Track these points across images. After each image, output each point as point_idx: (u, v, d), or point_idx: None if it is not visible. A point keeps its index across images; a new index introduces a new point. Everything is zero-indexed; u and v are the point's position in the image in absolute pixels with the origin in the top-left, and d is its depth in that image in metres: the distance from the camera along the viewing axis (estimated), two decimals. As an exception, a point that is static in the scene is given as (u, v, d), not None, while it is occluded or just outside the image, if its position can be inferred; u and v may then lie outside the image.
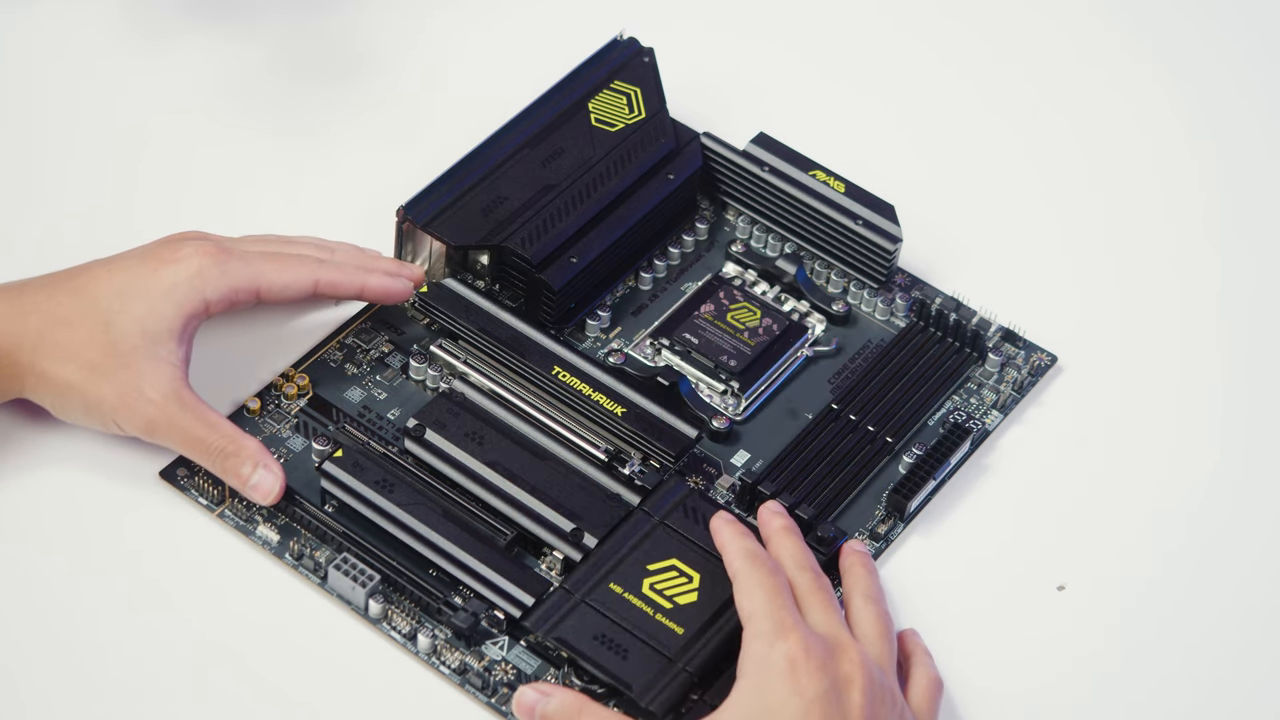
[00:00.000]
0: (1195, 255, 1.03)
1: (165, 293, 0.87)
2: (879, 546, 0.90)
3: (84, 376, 0.86)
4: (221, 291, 0.88)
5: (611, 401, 0.91)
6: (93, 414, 0.87)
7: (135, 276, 0.87)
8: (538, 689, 0.81)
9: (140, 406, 0.86)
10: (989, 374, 0.96)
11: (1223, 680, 0.87)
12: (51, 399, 0.87)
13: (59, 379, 0.86)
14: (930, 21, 1.14)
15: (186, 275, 0.88)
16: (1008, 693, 0.86)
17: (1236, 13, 1.15)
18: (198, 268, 0.88)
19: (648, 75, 1.01)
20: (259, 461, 0.86)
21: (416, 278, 0.94)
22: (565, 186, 0.97)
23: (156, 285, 0.87)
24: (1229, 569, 0.90)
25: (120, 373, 0.86)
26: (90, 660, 0.84)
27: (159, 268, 0.88)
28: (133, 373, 0.86)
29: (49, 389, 0.87)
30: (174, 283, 0.87)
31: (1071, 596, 0.89)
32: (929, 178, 1.05)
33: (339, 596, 0.86)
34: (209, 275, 0.88)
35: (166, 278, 0.87)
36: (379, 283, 0.93)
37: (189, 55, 1.07)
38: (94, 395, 0.86)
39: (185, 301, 0.87)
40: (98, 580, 0.86)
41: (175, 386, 0.87)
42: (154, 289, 0.87)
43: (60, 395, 0.87)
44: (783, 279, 0.99)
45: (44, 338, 0.86)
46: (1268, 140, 1.09)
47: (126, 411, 0.86)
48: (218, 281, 0.88)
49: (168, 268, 0.88)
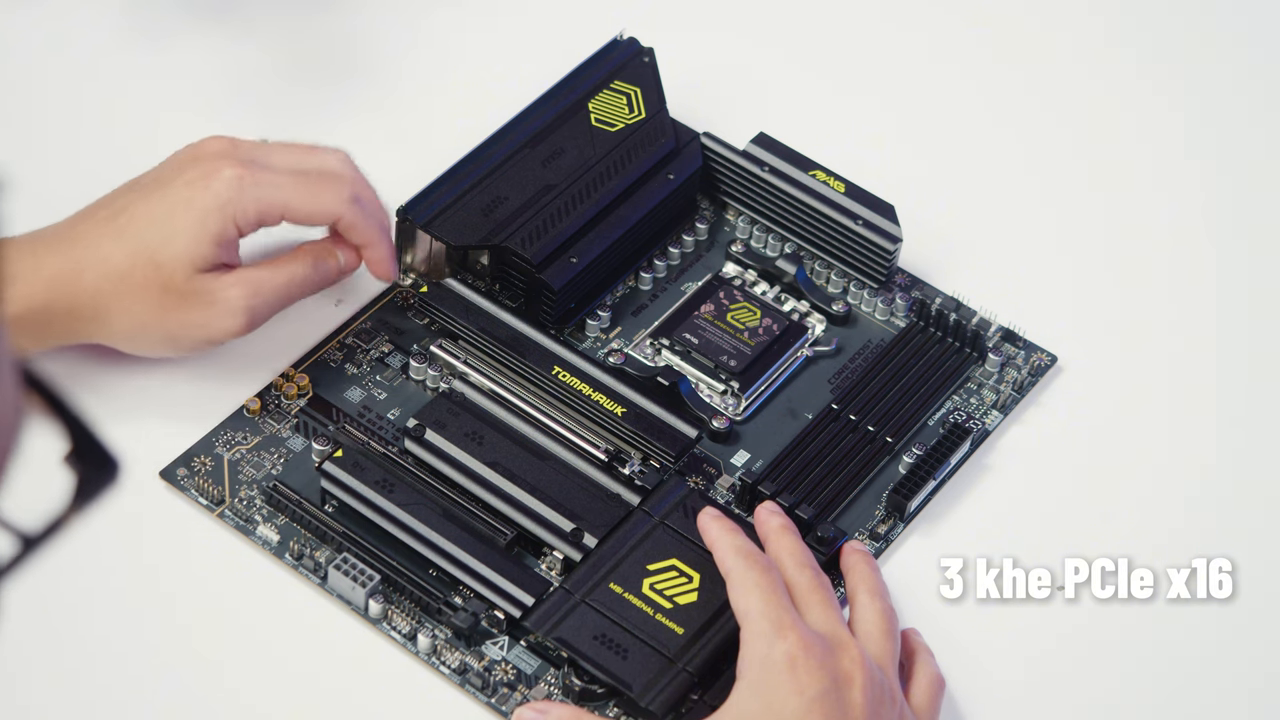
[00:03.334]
0: (1195, 255, 1.03)
1: (201, 222, 0.87)
2: (879, 546, 0.90)
3: (154, 315, 0.87)
4: (249, 218, 0.88)
5: (611, 401, 0.91)
6: (177, 342, 0.89)
7: (172, 206, 0.88)
8: (534, 708, 0.81)
9: (223, 322, 0.88)
10: (989, 374, 0.96)
11: (1223, 680, 0.87)
12: (125, 342, 0.89)
13: (130, 325, 0.88)
14: (930, 22, 1.13)
15: (218, 202, 0.88)
16: (1008, 692, 0.86)
17: (1236, 13, 1.15)
18: (230, 194, 0.88)
19: (648, 75, 1.01)
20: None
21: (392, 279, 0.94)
22: (565, 186, 0.97)
23: (193, 214, 0.87)
24: (1229, 568, 0.90)
25: (186, 302, 0.87)
26: (89, 660, 0.84)
27: (193, 195, 0.88)
28: (198, 300, 0.88)
29: (120, 335, 0.89)
30: (207, 209, 0.87)
31: (1071, 596, 0.89)
32: (929, 178, 1.05)
33: (339, 596, 0.86)
34: (241, 201, 0.88)
35: (199, 204, 0.87)
36: (379, 254, 0.92)
37: (189, 55, 1.07)
38: (172, 325, 0.88)
39: (222, 231, 0.88)
40: (97, 580, 0.86)
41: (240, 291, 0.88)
42: (191, 219, 0.87)
43: (134, 337, 0.89)
44: (783, 279, 0.99)
45: (101, 292, 0.87)
46: (1267, 140, 1.09)
47: (210, 330, 0.88)
48: (248, 207, 0.88)
49: (201, 194, 0.88)
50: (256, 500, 0.89)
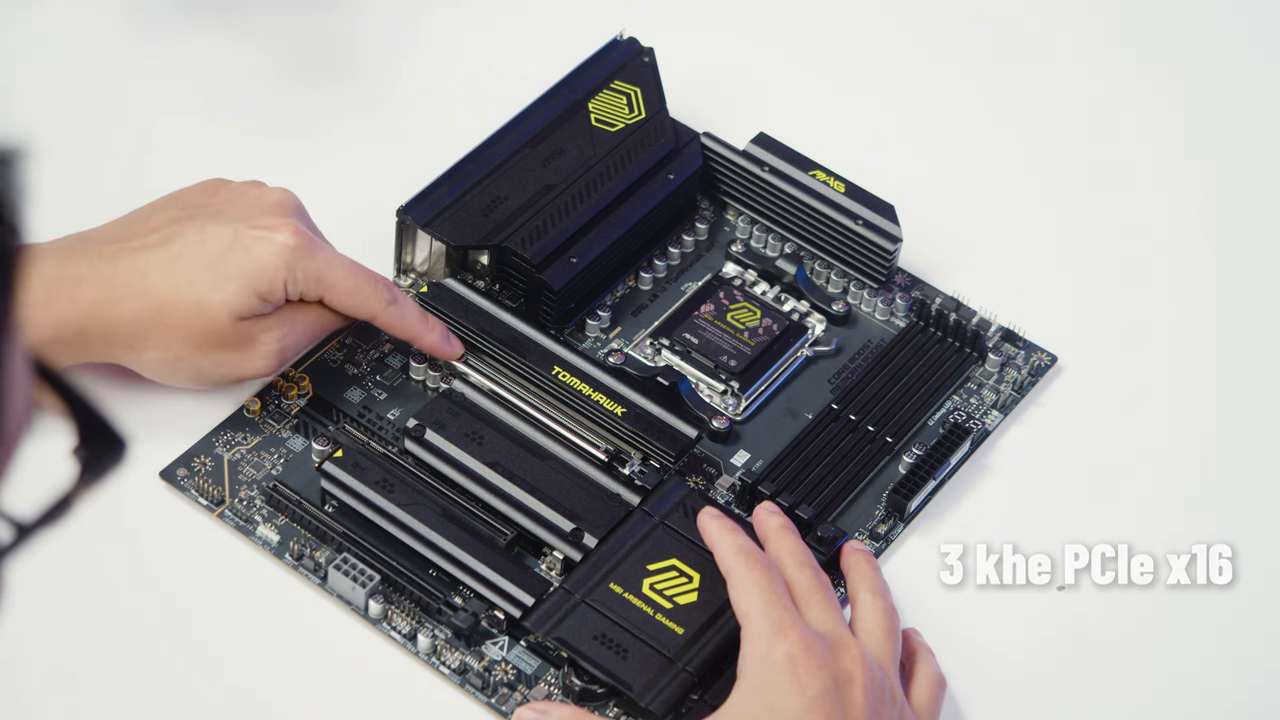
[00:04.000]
0: (1195, 255, 1.03)
1: (256, 276, 0.87)
2: (879, 546, 0.90)
3: (189, 352, 0.87)
4: (297, 286, 0.88)
5: (611, 401, 0.91)
6: (205, 378, 0.89)
7: (227, 250, 0.87)
8: (535, 709, 0.81)
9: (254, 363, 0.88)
10: (989, 374, 0.96)
11: (1223, 679, 0.87)
12: (153, 373, 0.89)
13: (163, 358, 0.87)
14: (930, 22, 1.13)
15: (276, 263, 0.87)
16: (1007, 692, 0.86)
17: (1236, 13, 1.15)
18: (289, 258, 0.87)
19: (647, 75, 1.01)
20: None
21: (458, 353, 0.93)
22: (565, 186, 0.97)
23: (249, 268, 0.87)
24: (1229, 567, 0.90)
25: (222, 344, 0.87)
26: (90, 660, 0.84)
27: (252, 247, 0.87)
28: (235, 343, 0.87)
29: (150, 366, 0.88)
30: (264, 267, 0.87)
31: (1071, 596, 0.89)
32: (929, 178, 1.05)
33: (339, 597, 0.86)
34: (295, 268, 0.87)
35: (257, 257, 0.87)
36: (431, 340, 0.92)
37: (189, 55, 1.07)
38: (205, 364, 0.88)
39: (270, 290, 0.87)
40: (97, 581, 0.86)
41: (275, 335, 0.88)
42: (247, 272, 0.87)
43: (164, 370, 0.88)
44: (783, 279, 0.99)
45: (140, 322, 0.86)
46: (1267, 140, 1.09)
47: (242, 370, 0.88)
48: (298, 277, 0.88)
49: (260, 248, 0.87)
50: (256, 500, 0.89)
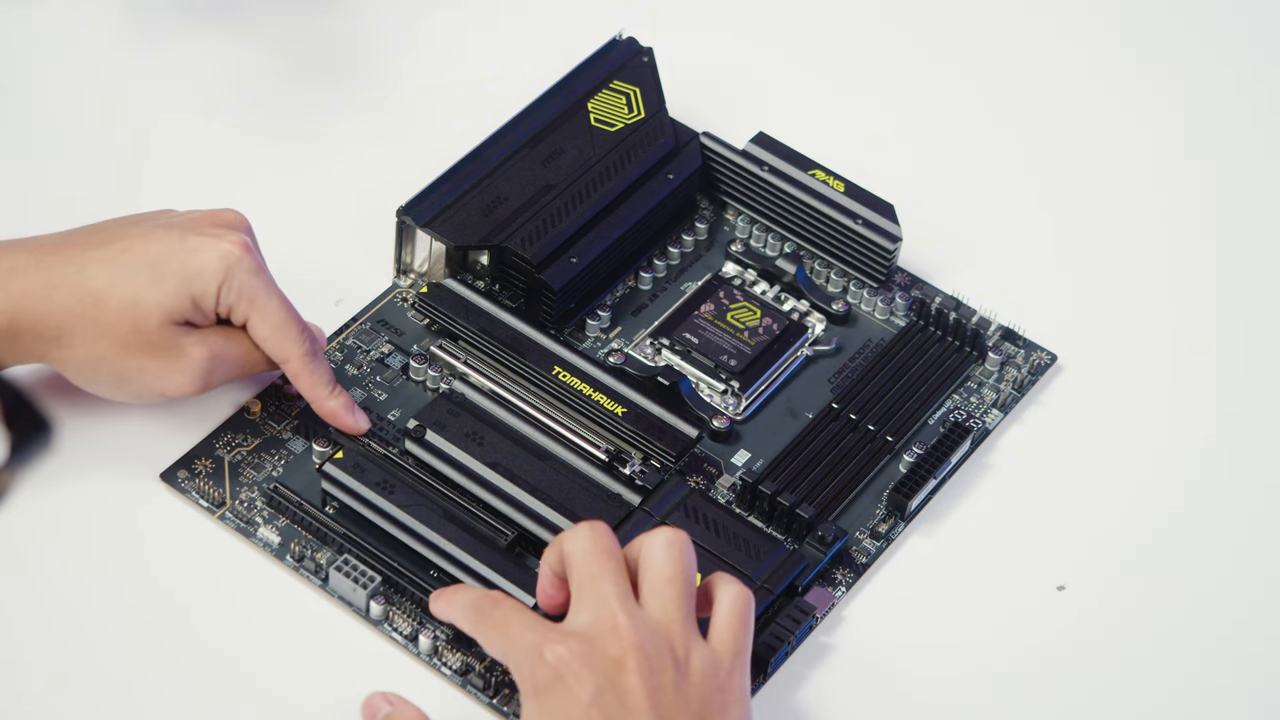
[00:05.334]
0: (1194, 254, 1.03)
1: (193, 277, 0.85)
2: (879, 546, 0.90)
3: (114, 352, 0.85)
4: (229, 299, 0.86)
5: (612, 401, 0.91)
6: (126, 386, 0.86)
7: (170, 251, 0.85)
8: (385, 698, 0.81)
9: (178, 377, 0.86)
10: (989, 373, 0.96)
11: (1223, 679, 0.87)
12: (76, 372, 0.86)
13: (88, 355, 0.85)
14: (930, 21, 1.14)
15: (215, 267, 0.85)
16: (1007, 692, 0.86)
17: (1236, 13, 1.15)
18: (229, 265, 0.85)
19: (647, 75, 1.01)
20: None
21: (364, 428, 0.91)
22: (565, 186, 0.97)
23: (190, 268, 0.85)
24: (1229, 568, 0.91)
25: (149, 349, 0.85)
26: (90, 662, 0.84)
27: (196, 249, 0.85)
28: (162, 350, 0.85)
29: (74, 364, 0.86)
30: (203, 269, 0.85)
31: (1071, 596, 0.89)
32: (929, 178, 1.05)
33: (340, 598, 0.86)
34: (234, 277, 0.85)
35: (198, 262, 0.85)
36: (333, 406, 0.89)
37: (189, 55, 1.07)
38: (128, 368, 0.85)
39: (204, 294, 0.85)
40: (98, 582, 0.86)
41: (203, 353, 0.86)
42: (187, 271, 0.84)
43: (87, 370, 0.86)
44: (783, 278, 0.99)
45: (70, 315, 0.84)
46: (1267, 140, 1.09)
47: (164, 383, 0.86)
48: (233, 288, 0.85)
49: (204, 252, 0.85)
50: (257, 502, 0.89)
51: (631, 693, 0.74)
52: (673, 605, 0.77)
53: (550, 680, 0.75)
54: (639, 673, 0.75)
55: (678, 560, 0.78)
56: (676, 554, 0.78)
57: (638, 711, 0.74)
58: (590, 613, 0.77)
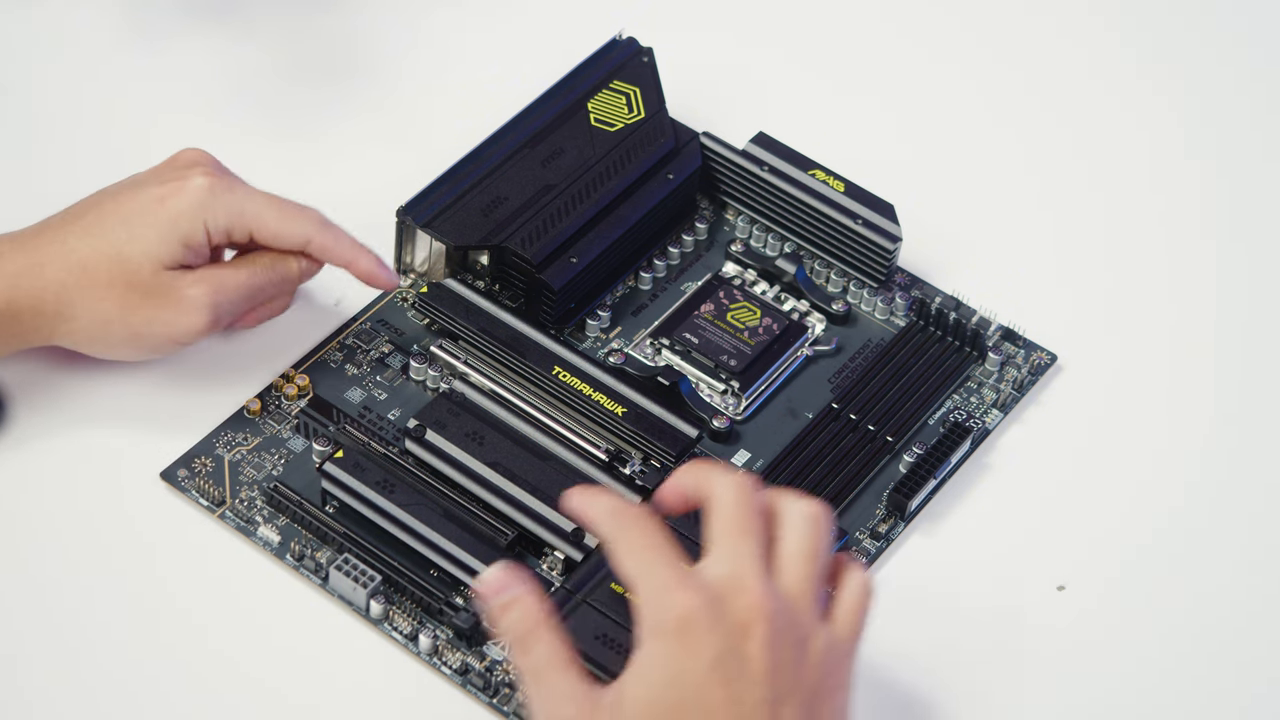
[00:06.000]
0: (1194, 254, 1.03)
1: (172, 221, 0.87)
2: (879, 546, 0.90)
3: (118, 311, 0.87)
4: (220, 225, 0.88)
5: (612, 401, 0.91)
6: (140, 341, 0.88)
7: (143, 205, 0.87)
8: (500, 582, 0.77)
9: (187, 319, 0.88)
10: (989, 373, 0.96)
11: (1222, 679, 0.87)
12: (88, 342, 0.88)
13: (93, 321, 0.87)
14: (930, 21, 1.14)
15: (191, 204, 0.87)
16: (1007, 692, 0.86)
17: (1236, 13, 1.15)
18: (204, 198, 0.88)
19: (647, 75, 1.01)
20: None
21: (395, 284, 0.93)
22: (565, 186, 0.97)
23: (164, 214, 0.87)
24: (1229, 568, 0.91)
25: (150, 299, 0.87)
26: (90, 661, 0.84)
27: (165, 195, 0.88)
28: (162, 297, 0.87)
29: (83, 334, 0.88)
30: (179, 211, 0.87)
31: (1071, 596, 0.89)
32: (929, 178, 1.05)
33: (340, 597, 0.86)
34: (213, 206, 0.88)
35: (171, 205, 0.87)
36: (367, 265, 0.92)
37: (189, 55, 1.07)
38: (136, 322, 0.87)
39: (191, 233, 0.87)
40: (98, 581, 0.86)
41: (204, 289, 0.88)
42: (162, 218, 0.87)
43: (98, 336, 0.88)
44: (783, 278, 0.99)
45: (65, 286, 0.86)
46: (1266, 140, 1.09)
47: (175, 328, 0.88)
48: (219, 213, 0.88)
49: (174, 197, 0.88)
50: (257, 501, 0.89)
51: (753, 661, 0.73)
52: (806, 583, 0.76)
53: (675, 629, 0.73)
54: (764, 642, 0.73)
55: (820, 538, 0.77)
56: (820, 532, 0.77)
57: (756, 683, 0.73)
58: (727, 566, 0.74)
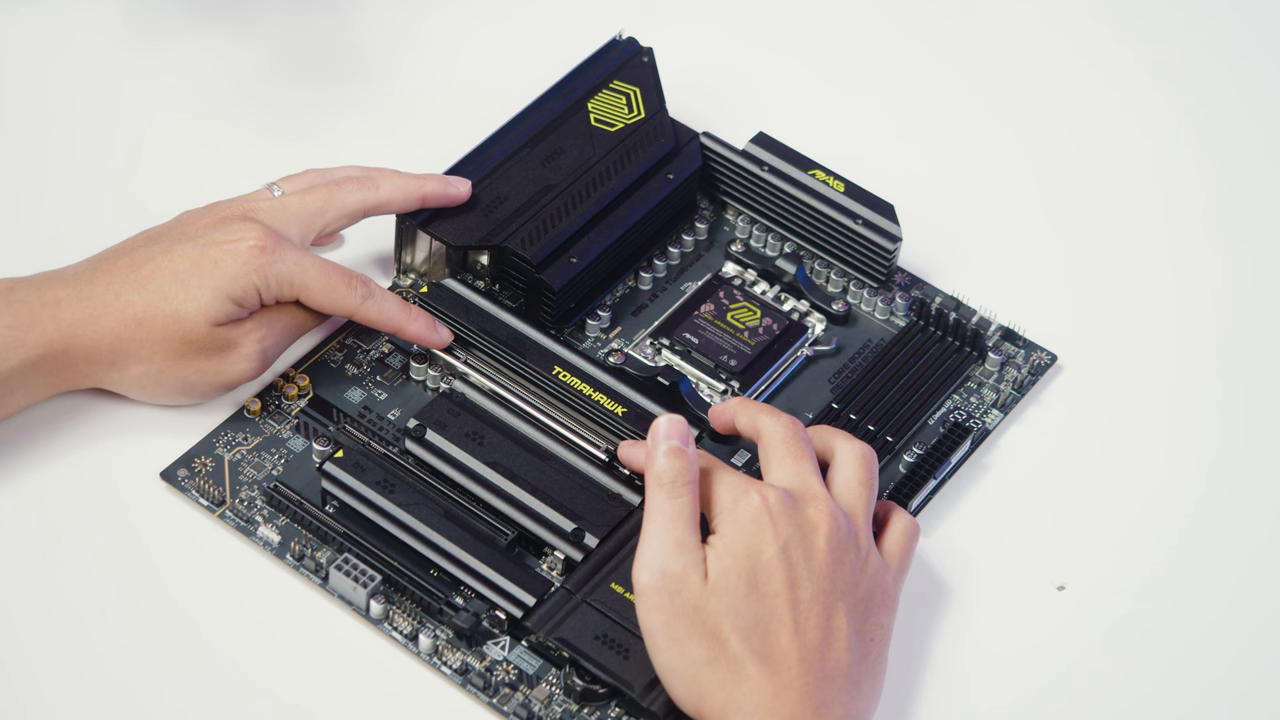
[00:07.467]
0: (1194, 254, 1.03)
1: (226, 284, 0.88)
2: (879, 546, 0.90)
3: (170, 363, 0.89)
4: (270, 289, 0.89)
5: (612, 401, 0.91)
6: (190, 389, 0.90)
7: (197, 265, 0.89)
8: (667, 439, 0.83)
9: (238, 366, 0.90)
10: (989, 373, 0.96)
11: (1221, 679, 0.87)
12: (139, 390, 0.90)
13: (145, 372, 0.89)
14: (929, 22, 1.14)
15: (245, 269, 0.88)
16: (1007, 692, 0.86)
17: (1236, 13, 1.15)
18: (257, 263, 0.89)
19: (647, 75, 1.01)
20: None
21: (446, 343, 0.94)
22: (565, 186, 0.97)
23: (219, 277, 0.88)
24: (1228, 567, 0.91)
25: (202, 353, 0.89)
26: (90, 661, 0.84)
27: (220, 260, 0.89)
28: (216, 349, 0.89)
29: (134, 382, 0.89)
30: (234, 274, 0.88)
31: (1071, 596, 0.89)
32: (929, 178, 1.05)
33: (340, 597, 0.86)
34: (264, 272, 0.89)
35: (227, 270, 0.88)
36: (416, 329, 0.93)
37: (189, 55, 1.07)
38: (188, 373, 0.89)
39: (245, 296, 0.89)
40: (98, 581, 0.86)
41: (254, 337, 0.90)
42: (218, 280, 0.88)
43: (149, 385, 0.90)
44: (783, 278, 0.99)
45: (120, 339, 0.88)
46: (1267, 140, 1.09)
47: (226, 375, 0.90)
48: (270, 281, 0.89)
49: (229, 260, 0.89)
50: (257, 501, 0.89)
51: (817, 554, 0.80)
52: (861, 505, 0.84)
53: (751, 515, 0.80)
54: (829, 539, 0.81)
55: (871, 470, 0.85)
56: (870, 466, 0.85)
57: (818, 574, 0.80)
58: (792, 480, 0.83)
